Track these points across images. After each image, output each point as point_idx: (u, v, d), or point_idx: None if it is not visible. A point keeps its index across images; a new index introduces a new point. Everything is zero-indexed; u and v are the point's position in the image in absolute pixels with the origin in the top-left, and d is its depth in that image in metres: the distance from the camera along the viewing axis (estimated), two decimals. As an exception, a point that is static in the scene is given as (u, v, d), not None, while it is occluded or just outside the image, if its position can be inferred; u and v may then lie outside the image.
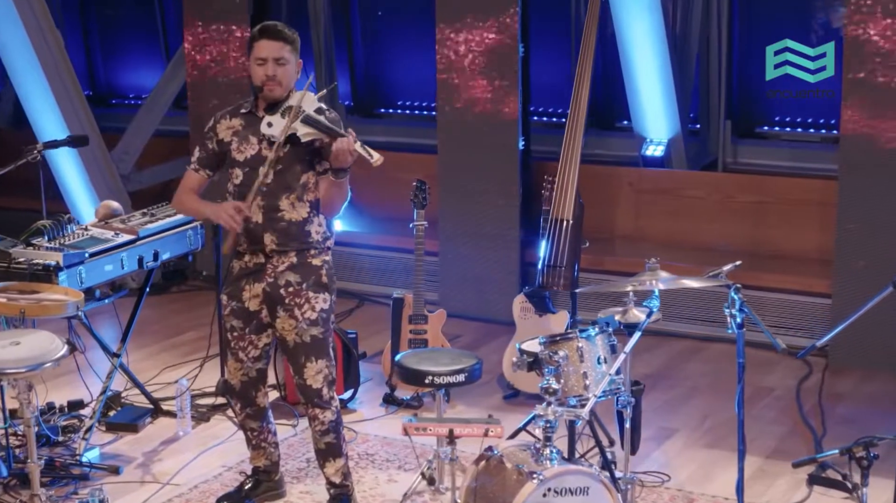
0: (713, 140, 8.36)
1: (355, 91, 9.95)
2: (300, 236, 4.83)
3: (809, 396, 6.58)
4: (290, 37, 4.79)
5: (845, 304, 6.73)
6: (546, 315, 6.48)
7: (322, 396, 4.94)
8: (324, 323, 4.88)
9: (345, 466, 5.13)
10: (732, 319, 4.38)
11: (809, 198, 7.61)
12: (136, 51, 10.81)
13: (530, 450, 4.56)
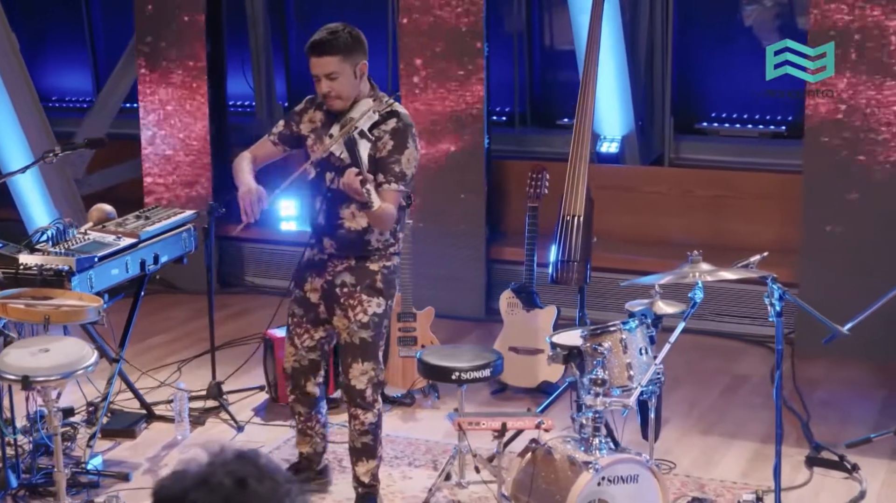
0: (658, 136, 8.58)
1: (290, 91, 9.92)
2: (359, 244, 4.84)
3: (784, 382, 6.79)
4: (339, 46, 4.65)
5: (811, 292, 6.99)
6: (534, 310, 6.58)
7: (365, 398, 4.96)
8: (375, 327, 4.88)
9: (376, 467, 5.15)
10: (772, 308, 4.54)
11: (767, 191, 7.87)
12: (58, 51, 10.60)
13: (577, 440, 4.66)
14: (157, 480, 1.96)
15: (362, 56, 4.73)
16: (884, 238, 6.99)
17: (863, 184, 7.00)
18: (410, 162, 4.72)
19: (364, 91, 4.78)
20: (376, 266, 4.88)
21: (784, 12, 8.86)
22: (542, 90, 9.31)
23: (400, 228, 4.94)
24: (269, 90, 9.61)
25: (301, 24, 9.80)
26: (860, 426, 6.20)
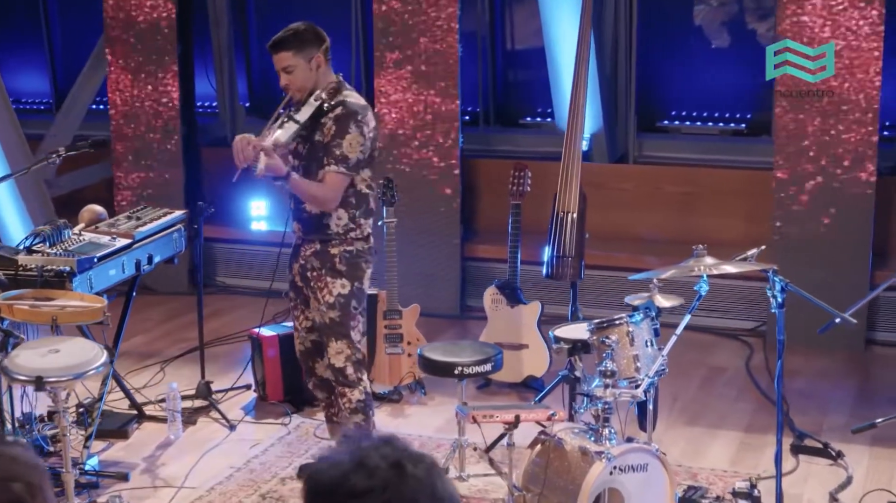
0: (622, 135, 8.73)
1: (252, 92, 9.94)
2: (320, 228, 5.10)
3: (760, 374, 6.98)
4: (292, 41, 5.02)
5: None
6: (518, 306, 6.68)
7: (347, 375, 5.16)
8: (341, 307, 5.11)
9: None
10: (774, 300, 4.68)
11: (733, 188, 8.05)
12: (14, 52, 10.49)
13: (585, 431, 4.76)
14: (306, 470, 2.01)
15: (316, 49, 5.03)
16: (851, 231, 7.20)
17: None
18: (353, 146, 4.96)
19: (322, 81, 5.05)
20: (336, 250, 5.10)
21: (732, 12, 9.06)
22: (505, 89, 9.42)
23: (361, 214, 5.13)
24: (232, 91, 9.62)
25: (262, 25, 9.81)
26: (839, 414, 6.39)
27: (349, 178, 5.01)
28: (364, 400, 5.20)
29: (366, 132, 5.00)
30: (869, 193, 7.11)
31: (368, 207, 5.17)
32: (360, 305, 5.19)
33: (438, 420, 6.36)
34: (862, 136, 7.03)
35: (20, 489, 2.10)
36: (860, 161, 7.08)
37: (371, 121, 5.05)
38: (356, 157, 4.97)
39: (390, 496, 1.87)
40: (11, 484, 2.12)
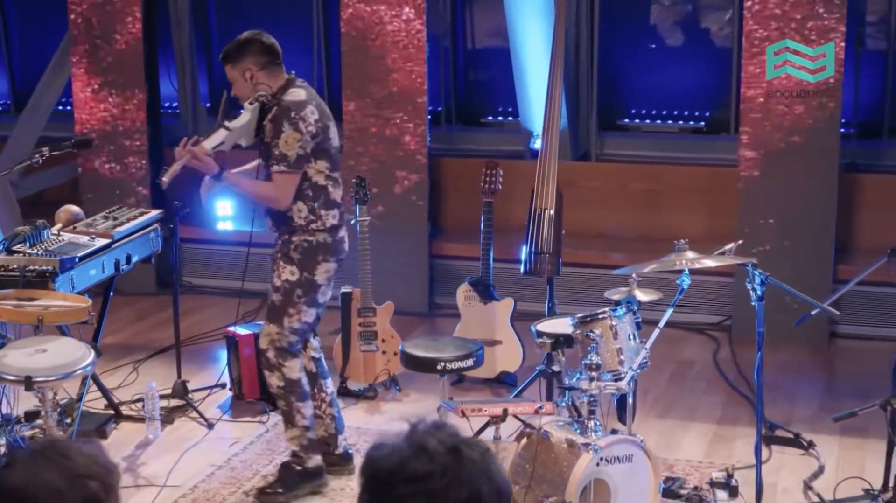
0: (583, 133, 8.83)
1: (213, 92, 9.93)
2: (286, 221, 5.28)
3: (728, 367, 7.11)
4: (227, 56, 5.31)
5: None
6: (491, 302, 6.76)
7: (267, 358, 5.34)
8: (285, 293, 5.27)
9: (302, 438, 5.39)
10: (753, 293, 4.79)
11: (697, 184, 8.17)
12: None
13: (571, 424, 4.85)
14: (365, 457, 2.06)
15: (250, 61, 5.22)
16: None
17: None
18: (290, 143, 5.12)
19: (263, 90, 5.23)
20: (297, 239, 5.26)
21: (686, 11, 9.21)
22: (466, 89, 9.48)
23: (320, 205, 5.26)
24: (194, 92, 9.61)
25: (223, 26, 9.81)
26: (807, 406, 6.54)
27: (294, 174, 5.16)
28: (283, 386, 5.34)
29: (302, 127, 5.13)
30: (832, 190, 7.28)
31: (329, 199, 5.28)
32: (305, 296, 5.28)
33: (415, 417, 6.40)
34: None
35: (96, 487, 2.16)
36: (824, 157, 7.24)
37: (311, 115, 5.16)
38: (295, 153, 5.13)
39: (449, 480, 1.93)
40: (89, 481, 2.19)
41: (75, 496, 2.19)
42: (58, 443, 2.30)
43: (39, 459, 2.23)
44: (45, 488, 2.18)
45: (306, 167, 5.20)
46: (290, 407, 5.36)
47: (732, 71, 8.56)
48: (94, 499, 2.20)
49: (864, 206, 7.83)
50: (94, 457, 2.24)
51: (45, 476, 2.19)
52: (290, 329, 5.29)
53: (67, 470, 2.21)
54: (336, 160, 5.38)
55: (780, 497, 5.46)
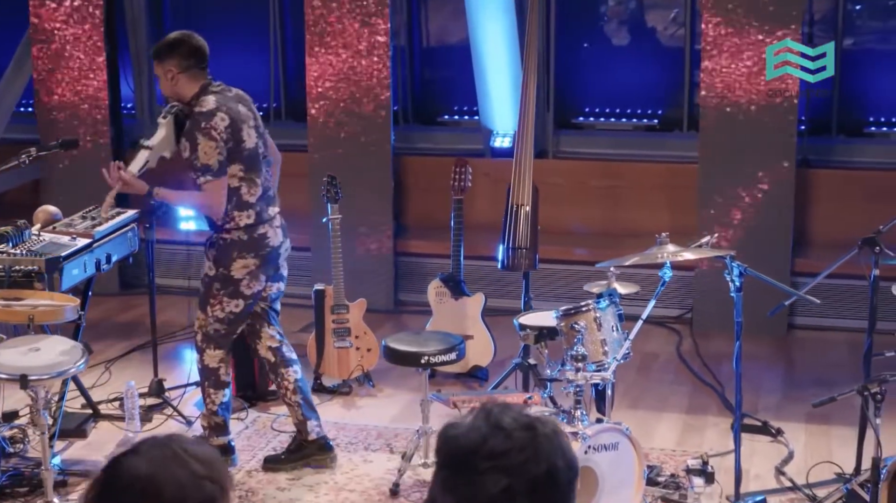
0: (540, 131, 8.96)
1: (168, 93, 9.94)
2: (211, 223, 5.59)
3: (692, 358, 7.29)
4: (156, 51, 5.53)
5: (707, 275, 7.52)
6: (462, 298, 6.87)
7: (196, 341, 5.70)
8: (205, 286, 5.60)
9: (210, 419, 5.71)
10: (732, 284, 4.95)
11: (656, 181, 8.35)
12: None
13: (557, 415, 4.97)
14: (442, 437, 2.14)
15: (172, 63, 5.40)
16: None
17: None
18: (208, 153, 5.30)
19: (183, 93, 5.44)
20: (215, 237, 5.54)
21: (633, 11, 9.40)
22: (423, 88, 9.58)
23: (233, 207, 5.45)
24: (150, 92, 9.61)
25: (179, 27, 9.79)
26: (772, 394, 6.73)
27: (220, 182, 5.36)
28: (201, 370, 5.71)
29: (215, 135, 5.31)
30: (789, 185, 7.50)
31: (241, 200, 5.45)
32: (224, 289, 5.53)
33: (391, 410, 6.51)
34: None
35: (215, 491, 2.19)
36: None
37: (220, 122, 5.32)
38: (216, 160, 5.32)
39: (527, 455, 2.04)
40: (209, 483, 2.20)
41: (194, 495, 2.20)
42: (181, 440, 2.30)
43: (166, 453, 2.23)
44: (170, 483, 2.19)
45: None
46: (204, 390, 5.74)
47: (685, 69, 8.74)
48: (210, 500, 2.22)
49: (818, 201, 8.04)
50: (213, 460, 2.26)
51: (171, 470, 2.20)
52: (214, 317, 5.58)
53: (191, 468, 2.22)
54: (250, 161, 5.48)
55: (754, 483, 5.62)
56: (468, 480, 2.04)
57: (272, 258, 5.58)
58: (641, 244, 7.56)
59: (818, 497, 5.34)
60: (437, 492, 2.10)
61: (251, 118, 5.51)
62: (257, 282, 5.54)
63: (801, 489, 5.47)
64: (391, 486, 5.47)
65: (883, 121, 8.53)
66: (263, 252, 5.52)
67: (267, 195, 5.56)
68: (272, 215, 5.58)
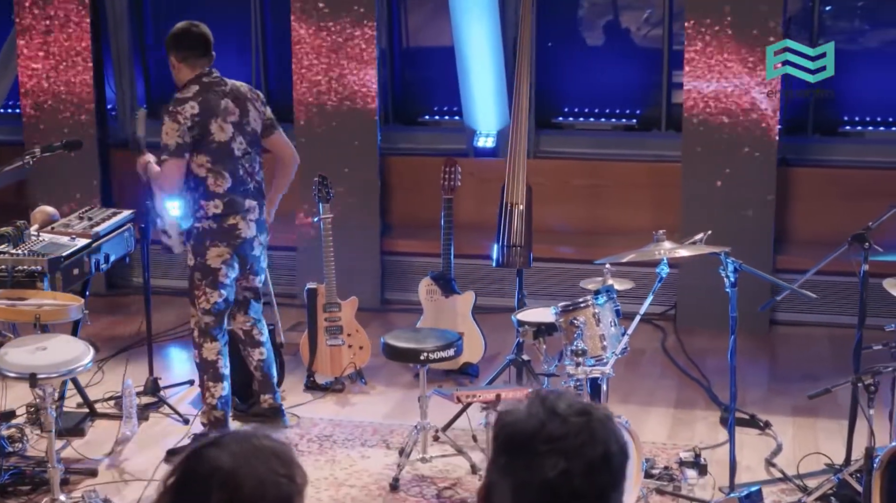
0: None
1: (149, 94, 9.96)
2: (187, 211, 5.79)
3: (677, 354, 7.41)
4: (166, 42, 5.85)
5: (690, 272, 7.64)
6: (452, 296, 6.96)
7: (194, 337, 5.87)
8: (189, 277, 5.82)
9: (210, 414, 5.87)
10: (727, 279, 5.07)
11: (637, 180, 8.47)
12: None
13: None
14: (499, 423, 2.20)
15: (173, 53, 5.77)
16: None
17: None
18: (169, 134, 5.59)
19: (181, 79, 5.73)
20: (191, 226, 5.76)
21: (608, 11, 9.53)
22: (403, 88, 9.65)
23: (200, 196, 5.68)
24: (132, 93, 9.64)
25: (158, 28, 9.85)
26: (757, 389, 6.86)
27: (176, 161, 5.59)
28: (200, 363, 5.86)
29: (180, 119, 5.57)
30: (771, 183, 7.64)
31: (209, 190, 5.67)
32: (205, 279, 5.74)
33: (384, 407, 6.59)
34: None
35: (292, 489, 2.24)
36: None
37: (189, 109, 5.59)
38: (174, 142, 5.56)
39: (584, 439, 2.12)
40: (287, 481, 2.23)
41: (272, 492, 2.22)
42: (262, 436, 2.31)
43: (248, 447, 2.25)
44: (251, 477, 2.21)
45: (190, 160, 5.62)
46: (203, 384, 5.90)
47: (663, 69, 8.87)
48: (286, 499, 2.25)
49: (796, 199, 8.19)
50: (292, 459, 2.28)
51: (252, 466, 2.22)
52: (202, 310, 5.77)
53: (271, 465, 2.24)
54: (218, 154, 5.68)
55: (745, 474, 5.74)
56: (527, 464, 2.12)
57: (244, 248, 5.79)
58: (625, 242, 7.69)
59: (809, 487, 5.46)
60: (495, 477, 2.17)
61: (233, 114, 5.70)
62: (233, 271, 5.78)
63: (791, 480, 5.60)
64: (391, 481, 5.55)
65: (857, 120, 8.68)
66: (235, 242, 5.74)
67: (243, 188, 5.75)
68: (247, 207, 5.76)
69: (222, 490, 2.20)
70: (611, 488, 2.15)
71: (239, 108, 5.73)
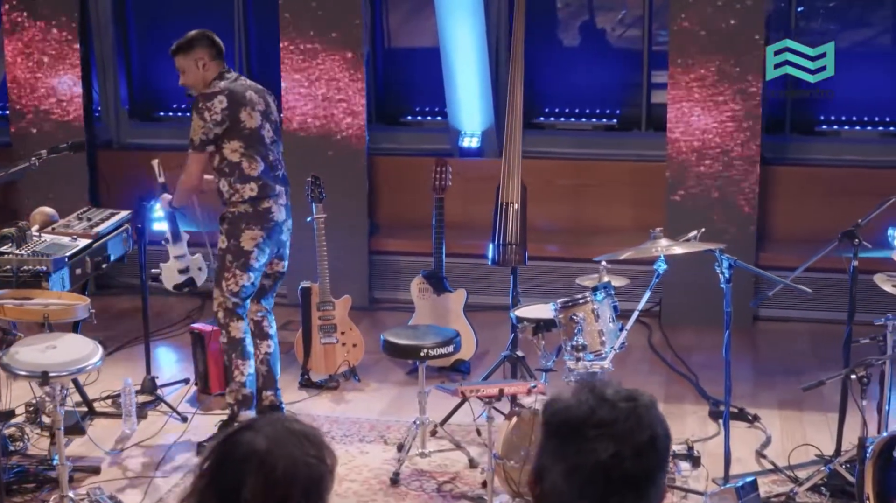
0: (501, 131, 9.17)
1: (132, 95, 10.00)
2: (221, 197, 6.02)
3: (664, 350, 7.54)
4: (177, 47, 5.97)
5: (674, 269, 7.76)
6: (444, 294, 7.07)
7: (218, 319, 6.02)
8: (220, 259, 5.98)
9: (238, 393, 5.99)
10: (722, 276, 5.20)
11: (620, 178, 8.60)
12: None
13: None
14: (549, 410, 2.31)
15: (201, 51, 5.93)
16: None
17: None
18: (195, 129, 5.85)
19: (209, 78, 5.94)
20: (225, 211, 5.96)
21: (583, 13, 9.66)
22: (385, 89, 9.74)
23: (236, 180, 5.91)
24: (116, 95, 9.68)
25: (141, 30, 9.89)
26: (743, 383, 6.98)
27: (198, 155, 5.90)
28: (226, 342, 6.00)
29: (207, 116, 5.83)
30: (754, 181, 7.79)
31: (243, 173, 5.90)
32: (236, 261, 5.92)
33: (379, 404, 6.69)
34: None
35: (323, 470, 2.35)
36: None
37: (218, 104, 5.84)
38: (199, 138, 5.85)
39: (632, 424, 2.24)
40: (318, 463, 2.34)
41: (304, 473, 2.33)
42: (292, 420, 2.43)
43: (281, 431, 2.36)
44: (286, 459, 2.31)
45: (222, 146, 5.87)
46: (232, 363, 6.02)
47: (643, 70, 9.01)
48: (319, 479, 2.35)
49: (776, 197, 8.34)
50: (322, 441, 2.39)
51: (287, 448, 2.33)
52: (230, 292, 5.93)
53: (303, 447, 2.34)
54: (253, 139, 5.94)
55: (736, 466, 5.85)
56: (578, 448, 2.23)
57: (275, 232, 6.00)
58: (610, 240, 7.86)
59: (800, 478, 5.60)
60: (546, 461, 2.28)
61: (259, 104, 5.99)
62: (263, 256, 5.98)
63: (782, 471, 5.74)
64: (391, 475, 5.64)
65: (833, 119, 8.84)
66: (269, 225, 5.96)
67: (273, 174, 6.00)
68: (278, 192, 6.00)
69: (257, 472, 2.31)
70: (658, 470, 2.27)
71: (262, 99, 6.02)
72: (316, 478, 2.36)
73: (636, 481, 2.23)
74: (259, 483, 2.32)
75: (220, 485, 2.37)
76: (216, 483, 2.38)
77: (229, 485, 2.35)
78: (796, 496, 5.42)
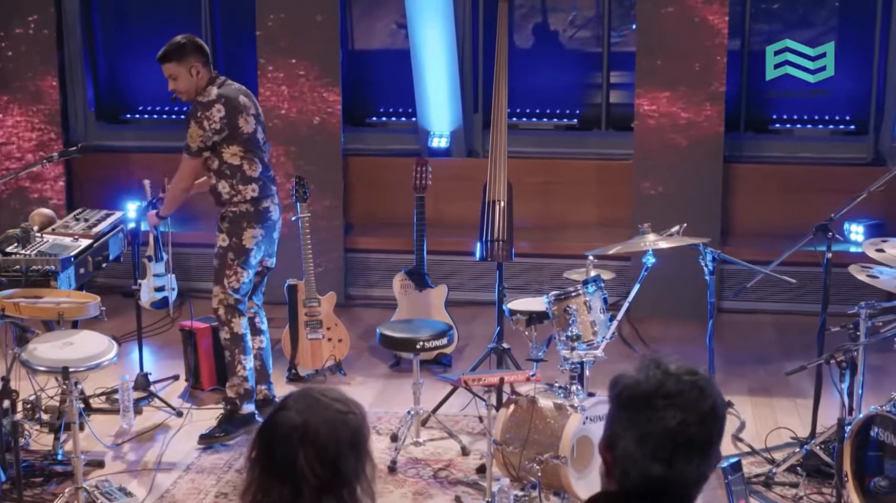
0: (469, 132, 9.42)
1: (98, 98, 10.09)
2: (217, 198, 6.18)
3: (634, 341, 7.83)
4: (168, 54, 6.04)
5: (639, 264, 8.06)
6: (426, 290, 7.30)
7: (218, 316, 6.18)
8: (220, 257, 6.13)
9: (240, 387, 6.16)
10: (706, 268, 5.49)
11: (585, 177, 8.89)
12: None
13: (555, 390, 5.45)
14: (619, 385, 2.55)
15: (194, 58, 6.02)
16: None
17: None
18: (193, 137, 6.02)
19: (201, 85, 6.04)
20: (225, 211, 6.12)
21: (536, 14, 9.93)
22: (351, 90, 9.93)
23: (238, 182, 6.07)
24: (83, 98, 9.77)
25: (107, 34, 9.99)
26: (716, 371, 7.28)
27: (192, 161, 6.09)
28: (228, 338, 6.16)
29: (206, 125, 5.98)
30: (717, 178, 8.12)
31: (245, 175, 6.08)
32: (237, 258, 6.10)
33: (367, 396, 6.88)
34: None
35: (358, 421, 2.62)
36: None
37: (216, 113, 5.98)
38: (197, 145, 6.02)
39: (696, 396, 2.50)
40: (353, 416, 2.62)
41: (345, 428, 2.60)
42: (315, 389, 2.69)
43: (310, 401, 2.62)
44: (324, 423, 2.57)
45: (221, 151, 6.04)
46: (234, 358, 6.18)
47: (603, 70, 9.29)
48: (358, 430, 2.63)
49: (736, 194, 8.67)
50: (346, 397, 2.65)
51: (320, 413, 2.59)
52: (231, 289, 6.11)
53: (334, 407, 2.61)
54: (250, 142, 6.12)
55: (714, 450, 6.16)
56: (649, 417, 2.49)
57: (271, 230, 6.23)
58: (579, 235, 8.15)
59: (776, 459, 5.90)
60: (618, 429, 2.54)
61: (251, 107, 6.16)
62: (259, 253, 6.20)
63: (759, 453, 6.04)
64: (388, 464, 5.86)
65: (786, 118, 9.18)
66: (267, 224, 6.18)
67: (268, 174, 6.22)
68: (273, 191, 6.22)
69: (304, 443, 2.56)
70: (717, 435, 2.54)
71: (252, 102, 6.21)
72: (355, 430, 2.62)
73: (700, 445, 2.49)
74: (309, 453, 2.57)
75: (274, 468, 2.61)
76: (270, 467, 2.62)
77: (283, 464, 2.59)
78: (775, 476, 5.71)
